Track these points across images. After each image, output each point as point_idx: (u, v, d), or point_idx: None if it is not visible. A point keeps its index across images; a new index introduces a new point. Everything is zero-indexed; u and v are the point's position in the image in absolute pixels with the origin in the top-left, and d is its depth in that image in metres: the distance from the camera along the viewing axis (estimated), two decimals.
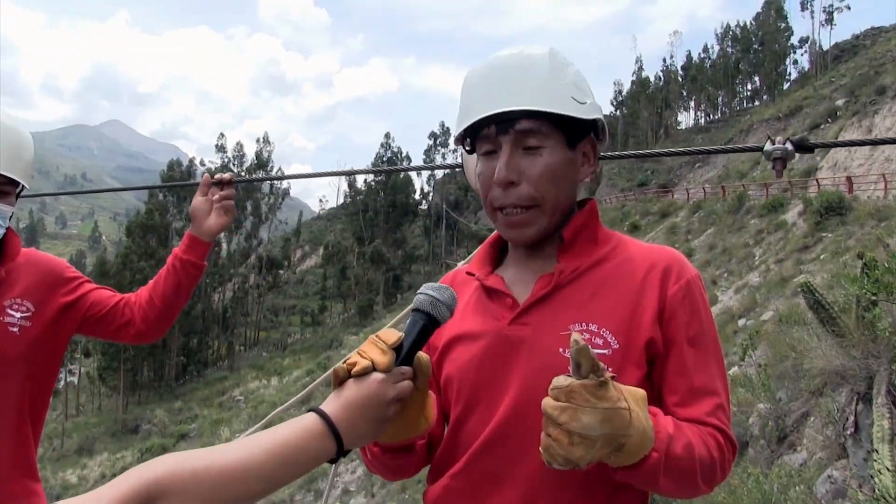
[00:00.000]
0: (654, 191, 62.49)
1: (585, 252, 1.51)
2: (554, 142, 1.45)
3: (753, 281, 20.55)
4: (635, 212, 51.62)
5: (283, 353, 70.77)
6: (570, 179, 1.50)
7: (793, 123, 53.63)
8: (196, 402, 54.78)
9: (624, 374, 1.37)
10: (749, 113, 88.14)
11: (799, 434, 6.27)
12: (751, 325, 15.73)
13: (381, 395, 1.26)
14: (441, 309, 1.38)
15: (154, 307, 2.55)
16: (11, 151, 2.27)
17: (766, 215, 28.50)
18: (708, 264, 26.76)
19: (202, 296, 76.75)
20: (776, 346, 9.30)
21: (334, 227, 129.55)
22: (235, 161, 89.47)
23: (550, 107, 1.42)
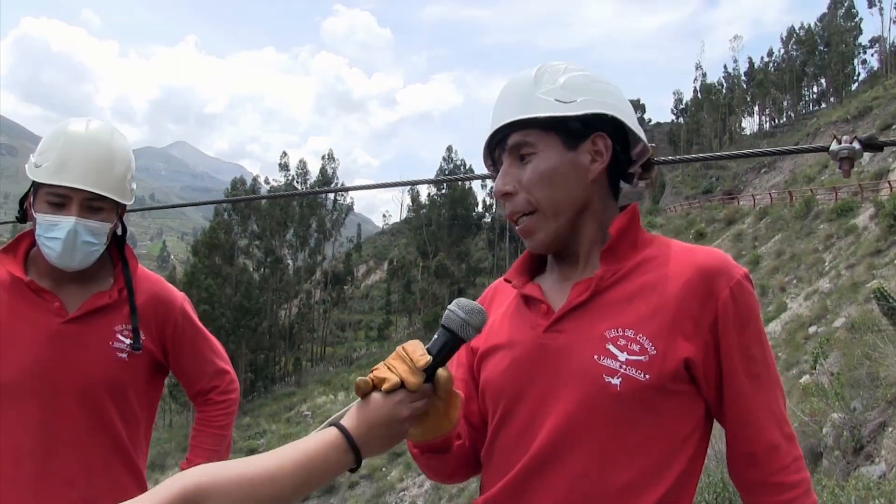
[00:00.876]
0: (719, 198, 61.69)
1: (625, 256, 1.49)
2: (546, 146, 1.48)
3: (824, 287, 20.14)
4: (700, 219, 51.09)
5: (349, 368, 71.17)
6: (574, 179, 1.49)
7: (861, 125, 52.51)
8: (264, 417, 55.45)
9: (665, 380, 1.38)
10: (816, 116, 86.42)
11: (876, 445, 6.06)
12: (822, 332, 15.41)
13: (397, 414, 1.35)
14: (468, 331, 1.41)
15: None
16: (101, 166, 2.22)
17: (836, 220, 27.97)
18: (776, 271, 26.33)
19: (269, 313, 77.70)
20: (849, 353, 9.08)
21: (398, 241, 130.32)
22: (299, 178, 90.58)
23: (529, 113, 1.47)
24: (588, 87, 1.51)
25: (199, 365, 2.54)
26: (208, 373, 2.57)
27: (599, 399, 1.37)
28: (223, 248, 73.43)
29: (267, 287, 78.90)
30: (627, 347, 1.37)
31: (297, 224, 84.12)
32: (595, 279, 1.46)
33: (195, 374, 2.54)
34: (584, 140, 1.50)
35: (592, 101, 1.49)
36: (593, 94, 1.50)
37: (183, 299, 2.53)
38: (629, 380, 1.36)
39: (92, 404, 2.25)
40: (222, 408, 2.58)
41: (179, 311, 2.48)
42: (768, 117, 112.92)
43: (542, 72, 1.54)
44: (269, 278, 79.94)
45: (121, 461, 2.31)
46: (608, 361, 1.38)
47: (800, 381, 12.52)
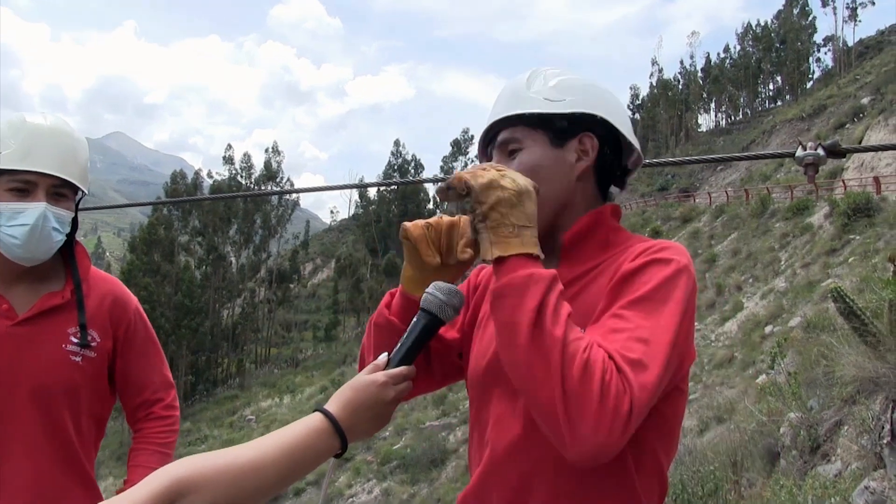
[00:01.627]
0: (675, 195, 62.38)
1: (590, 257, 1.53)
2: (532, 142, 1.55)
3: (780, 286, 20.49)
4: (656, 217, 51.55)
5: (295, 370, 70.73)
6: (558, 176, 1.54)
7: (817, 123, 53.56)
8: (206, 422, 54.82)
9: None
10: (771, 113, 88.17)
11: (833, 444, 6.21)
12: (778, 331, 15.68)
13: (382, 397, 1.39)
14: (447, 311, 1.48)
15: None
16: (67, 155, 2.24)
17: (792, 218, 28.45)
18: (732, 270, 26.71)
19: (211, 312, 76.93)
20: (805, 353, 9.27)
21: (346, 238, 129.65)
22: (243, 173, 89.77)
23: (516, 110, 1.56)
24: (579, 89, 1.58)
25: (147, 373, 2.50)
26: (155, 383, 2.52)
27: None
28: (163, 245, 72.50)
29: (209, 285, 78.20)
30: None
31: (240, 220, 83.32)
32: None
33: (141, 382, 2.49)
34: (571, 138, 1.56)
35: (582, 101, 1.56)
36: (584, 96, 1.57)
37: (137, 303, 2.53)
38: None
39: (44, 409, 2.22)
40: (167, 424, 2.51)
41: (134, 312, 2.46)
42: (724, 114, 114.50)
43: (537, 74, 1.62)
44: (211, 276, 79.20)
45: (72, 469, 2.29)
46: None
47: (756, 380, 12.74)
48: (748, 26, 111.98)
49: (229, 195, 17.56)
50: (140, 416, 2.49)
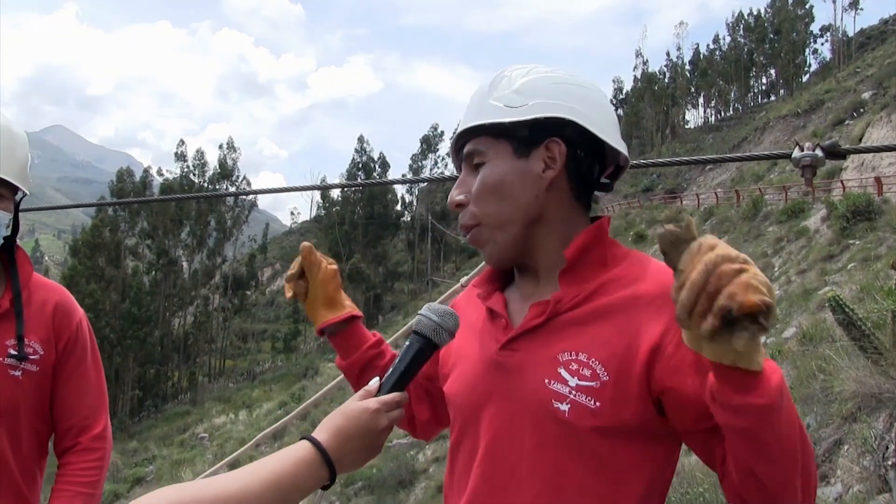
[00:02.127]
0: (660, 196, 62.75)
1: (590, 276, 1.51)
2: (496, 154, 1.54)
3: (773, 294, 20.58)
4: (640, 220, 51.71)
5: (252, 384, 70.35)
6: (524, 188, 1.53)
7: (813, 120, 53.96)
8: (154, 440, 54.34)
9: (619, 408, 1.38)
10: (765, 109, 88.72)
11: (832, 464, 6.23)
12: (771, 343, 15.71)
13: (374, 425, 1.40)
14: (442, 335, 1.49)
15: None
16: (3, 151, 2.18)
17: (786, 222, 28.59)
18: None
19: (160, 321, 76.39)
20: (801, 366, 9.29)
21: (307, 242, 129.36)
22: (196, 171, 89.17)
23: (475, 121, 1.55)
24: (546, 90, 1.54)
25: (81, 395, 2.42)
26: (87, 406, 2.44)
27: (548, 425, 1.41)
28: (108, 249, 71.86)
29: (159, 292, 77.56)
30: (579, 372, 1.40)
31: (193, 222, 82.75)
32: (552, 303, 1.48)
33: (73, 404, 2.40)
34: (536, 146, 1.52)
35: (546, 104, 1.52)
36: (550, 97, 1.53)
37: (84, 315, 2.46)
38: (578, 407, 1.38)
39: None
40: (95, 459, 2.41)
41: (78, 323, 2.40)
42: (714, 109, 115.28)
43: (502, 76, 1.59)
44: (161, 283, 78.60)
45: (8, 493, 2.23)
46: (558, 386, 1.41)
47: None
48: (739, 15, 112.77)
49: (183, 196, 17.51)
50: (66, 446, 2.40)
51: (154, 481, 41.60)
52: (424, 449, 26.10)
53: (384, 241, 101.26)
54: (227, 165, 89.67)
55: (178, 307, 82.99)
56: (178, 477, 37.34)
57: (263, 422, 43.64)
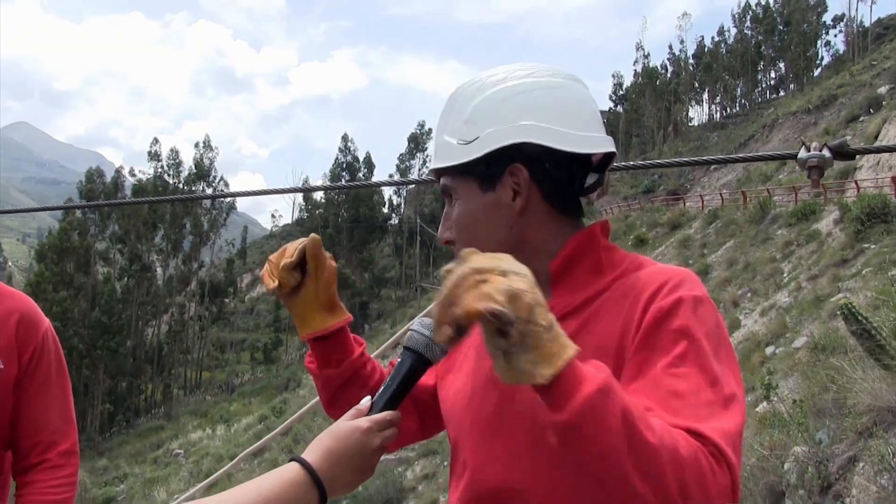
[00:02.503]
0: (662, 198, 62.77)
1: (584, 284, 1.53)
2: (464, 190, 1.58)
3: (782, 302, 20.58)
4: (641, 223, 51.79)
5: (230, 397, 70.25)
6: (497, 221, 1.56)
7: (826, 116, 54.06)
8: (125, 458, 54.11)
9: None
10: (773, 105, 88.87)
11: (846, 482, 6.22)
12: (780, 353, 15.75)
13: (366, 445, 1.41)
14: (435, 351, 1.52)
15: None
16: None
17: (796, 224, 28.65)
18: (727, 283, 26.83)
19: (133, 331, 76.17)
20: (812, 378, 9.31)
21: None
22: (171, 171, 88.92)
23: (439, 162, 1.60)
24: (496, 113, 1.53)
25: (46, 409, 2.39)
26: (55, 421, 2.41)
27: (542, 440, 1.39)
28: (77, 254, 71.60)
29: (131, 300, 77.41)
30: None
31: (167, 225, 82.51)
32: None
33: (40, 419, 2.37)
34: (501, 176, 1.54)
35: (497, 132, 1.52)
36: (499, 122, 1.52)
37: (50, 325, 2.43)
38: None
39: None
40: (64, 476, 2.38)
41: (44, 334, 2.38)
42: (719, 106, 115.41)
43: (453, 102, 1.61)
44: (133, 290, 78.38)
45: None
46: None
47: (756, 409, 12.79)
48: (746, 6, 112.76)
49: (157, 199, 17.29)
50: (32, 463, 2.36)
51: (125, 502, 41.46)
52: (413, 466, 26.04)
53: (370, 245, 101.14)
54: (204, 165, 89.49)
55: (151, 316, 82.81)
56: (152, 497, 37.24)
57: (242, 437, 43.59)
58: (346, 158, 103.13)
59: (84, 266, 72.39)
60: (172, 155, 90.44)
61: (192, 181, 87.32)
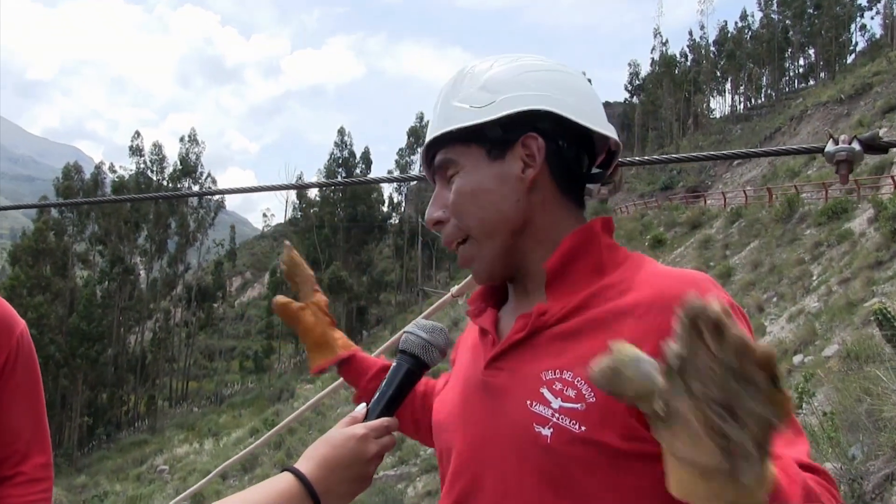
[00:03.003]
0: (681, 196, 62.74)
1: (582, 285, 1.51)
2: (468, 161, 1.56)
3: (811, 306, 20.58)
4: (659, 222, 51.81)
5: (219, 409, 70.34)
6: (505, 193, 1.55)
7: (859, 107, 53.89)
8: (105, 474, 54.14)
9: (606, 433, 1.35)
10: (802, 95, 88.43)
11: (883, 502, 6.20)
12: (810, 361, 15.74)
13: (361, 453, 1.44)
14: (433, 353, 1.57)
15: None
16: None
17: (826, 223, 28.61)
18: (752, 286, 26.83)
19: (114, 338, 76.19)
20: (844, 388, 9.28)
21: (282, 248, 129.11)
22: (154, 166, 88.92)
23: (445, 126, 1.57)
24: (513, 81, 1.56)
25: (21, 418, 2.37)
26: (29, 431, 2.39)
27: (529, 451, 1.41)
28: (53, 256, 71.59)
29: (112, 305, 77.38)
30: (563, 392, 1.40)
31: (151, 225, 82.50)
32: (534, 315, 1.49)
33: (12, 428, 2.35)
34: (511, 145, 1.54)
35: (515, 97, 1.53)
36: (518, 89, 1.55)
37: (25, 327, 2.41)
38: (561, 431, 1.38)
39: None
40: (41, 490, 2.35)
41: (19, 337, 2.36)
42: (743, 96, 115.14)
43: (464, 74, 1.62)
44: (115, 294, 78.39)
45: None
46: (540, 408, 1.41)
47: None
48: None
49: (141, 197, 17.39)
50: (5, 476, 2.33)
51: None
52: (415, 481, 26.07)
53: (368, 246, 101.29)
54: (190, 161, 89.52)
55: (134, 322, 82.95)
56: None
57: (232, 451, 43.52)
58: (343, 153, 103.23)
59: (62, 269, 72.37)
60: (156, 150, 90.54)
61: (177, 178, 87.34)
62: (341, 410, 36.83)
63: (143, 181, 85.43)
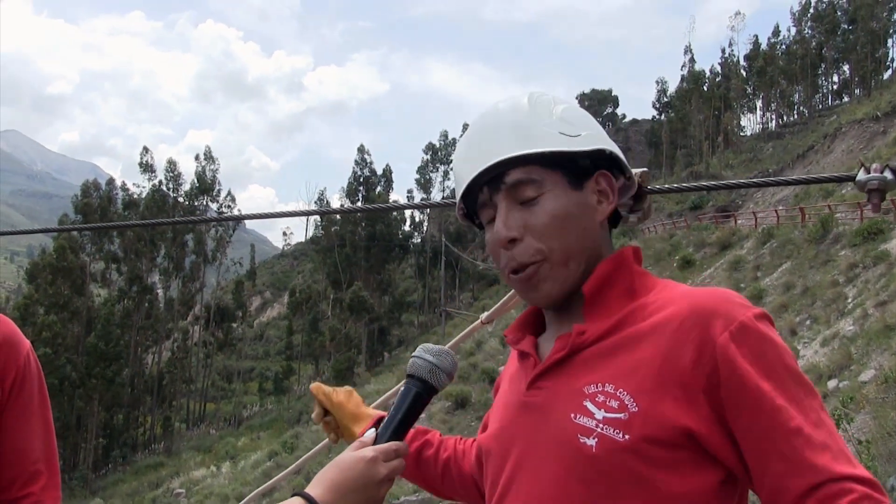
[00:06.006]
0: (711, 215, 62.48)
1: (617, 307, 1.59)
2: (553, 185, 1.60)
3: (846, 330, 20.46)
4: (687, 243, 51.63)
5: (237, 431, 70.46)
6: (585, 222, 1.62)
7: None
8: (121, 497, 54.29)
9: (651, 440, 1.42)
10: (836, 112, 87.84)
11: None
12: (845, 387, 15.64)
13: (371, 476, 1.47)
14: (440, 376, 1.63)
15: None
16: None
17: (861, 244, 28.43)
18: (784, 309, 26.69)
19: (131, 358, 76.38)
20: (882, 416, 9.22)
21: (302, 267, 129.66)
22: (170, 183, 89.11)
23: (534, 147, 1.59)
24: (585, 122, 1.68)
25: (28, 438, 2.35)
26: (38, 451, 2.36)
27: (575, 462, 1.47)
28: (71, 274, 71.84)
29: (130, 325, 77.61)
30: (605, 404, 1.46)
31: (168, 243, 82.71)
32: (574, 335, 1.56)
33: (21, 448, 2.32)
34: (588, 179, 1.64)
35: (594, 136, 1.65)
36: (591, 129, 1.67)
37: (31, 347, 2.42)
38: (605, 440, 1.44)
39: None
40: None
41: (25, 357, 2.36)
42: (774, 113, 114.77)
43: (536, 101, 1.67)
44: (132, 313, 78.59)
45: None
46: (584, 420, 1.47)
47: None
48: (807, 3, 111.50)
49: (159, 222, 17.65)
50: (14, 497, 2.31)
51: None
52: None
53: (390, 265, 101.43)
54: (206, 179, 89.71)
55: (151, 342, 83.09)
56: None
57: (250, 475, 43.55)
58: (363, 172, 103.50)
59: (79, 287, 72.60)
60: (170, 167, 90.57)
61: (194, 195, 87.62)
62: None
63: (160, 198, 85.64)
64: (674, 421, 1.41)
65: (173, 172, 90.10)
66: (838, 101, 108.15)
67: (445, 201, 2.56)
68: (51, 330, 61.57)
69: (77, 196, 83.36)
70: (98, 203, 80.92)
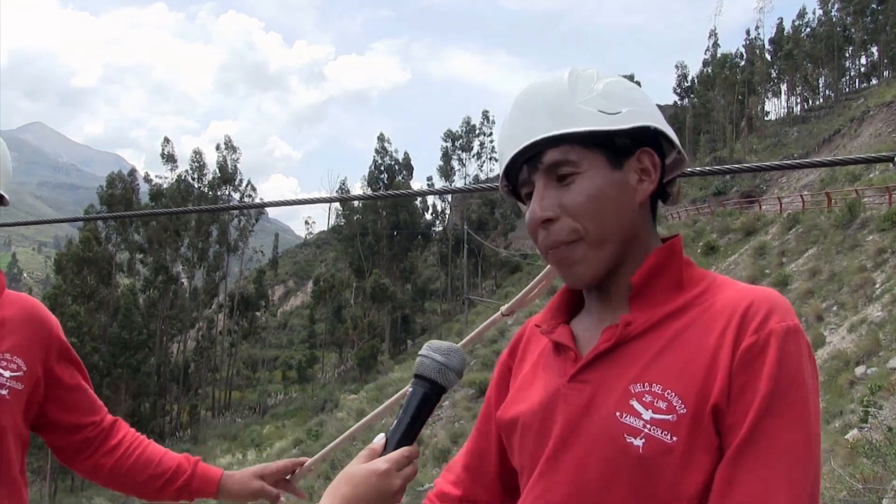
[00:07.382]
0: (735, 201, 62.27)
1: (664, 299, 1.58)
2: (591, 164, 1.58)
3: (874, 316, 20.32)
4: (711, 229, 51.44)
5: (262, 419, 70.71)
6: (623, 203, 1.59)
7: None
8: None
9: (699, 443, 1.43)
10: (863, 95, 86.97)
11: None
12: (873, 374, 15.54)
13: (385, 489, 1.44)
14: (449, 375, 1.60)
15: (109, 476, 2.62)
16: None
17: (890, 229, 28.20)
18: (810, 295, 26.54)
19: (157, 347, 76.73)
20: None
21: (325, 255, 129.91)
22: (194, 174, 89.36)
23: (570, 127, 1.57)
24: (629, 97, 1.63)
25: (89, 395, 2.56)
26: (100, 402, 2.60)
27: (620, 462, 1.46)
28: (97, 264, 72.12)
29: (156, 314, 77.94)
30: (653, 405, 1.45)
31: (192, 233, 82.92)
32: (621, 326, 1.55)
33: (93, 402, 2.56)
34: (629, 157, 1.61)
35: (637, 112, 1.60)
36: (635, 105, 1.62)
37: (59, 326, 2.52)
38: (653, 441, 1.43)
39: None
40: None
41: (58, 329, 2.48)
42: (800, 97, 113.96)
43: (576, 77, 1.65)
44: (157, 302, 78.90)
45: None
46: (631, 420, 1.46)
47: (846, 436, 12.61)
48: None
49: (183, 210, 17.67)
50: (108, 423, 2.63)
51: None
52: None
53: (412, 253, 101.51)
54: (228, 168, 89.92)
55: (177, 331, 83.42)
56: None
57: None
58: (384, 160, 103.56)
59: (105, 277, 72.92)
60: (195, 157, 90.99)
61: (216, 185, 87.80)
62: (386, 421, 36.87)
63: (183, 188, 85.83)
64: (721, 424, 1.41)
65: (199, 162, 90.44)
66: (865, 83, 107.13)
67: (466, 187, 2.52)
68: (76, 319, 61.83)
69: (102, 187, 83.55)
70: (122, 194, 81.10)
